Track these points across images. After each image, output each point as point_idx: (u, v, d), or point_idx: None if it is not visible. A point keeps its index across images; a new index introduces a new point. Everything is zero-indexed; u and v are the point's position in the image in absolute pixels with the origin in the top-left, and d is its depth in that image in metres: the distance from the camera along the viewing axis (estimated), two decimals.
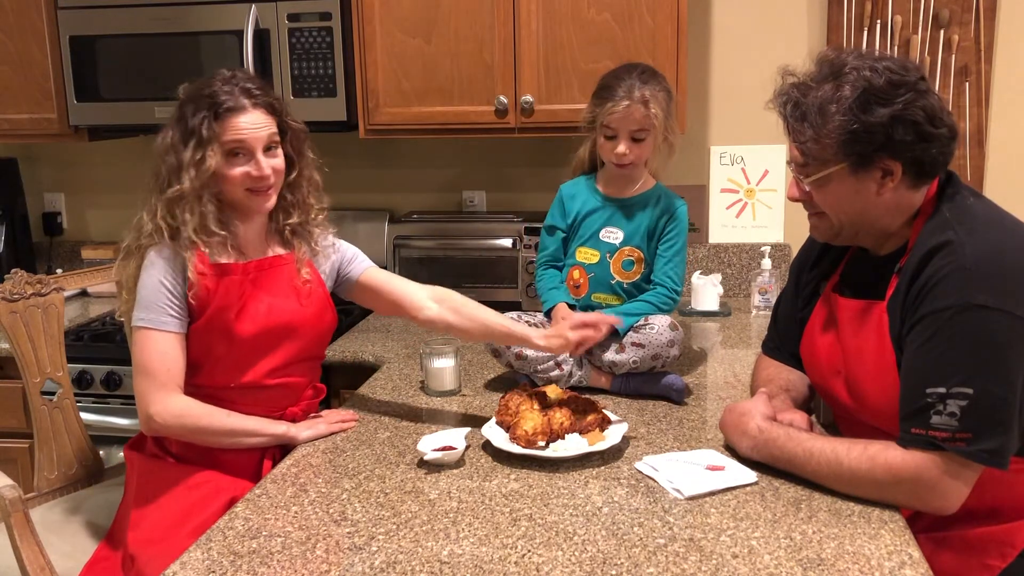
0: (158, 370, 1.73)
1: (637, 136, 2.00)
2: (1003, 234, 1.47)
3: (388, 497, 1.54)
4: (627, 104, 1.96)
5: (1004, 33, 2.69)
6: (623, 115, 1.97)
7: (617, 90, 1.98)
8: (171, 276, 1.74)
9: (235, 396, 1.82)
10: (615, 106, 1.97)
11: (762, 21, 2.81)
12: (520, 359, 2.00)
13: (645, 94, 1.97)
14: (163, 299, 1.74)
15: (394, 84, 2.62)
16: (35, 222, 3.30)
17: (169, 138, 1.76)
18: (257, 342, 1.81)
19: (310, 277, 1.90)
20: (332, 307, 1.95)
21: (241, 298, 1.79)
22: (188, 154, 1.73)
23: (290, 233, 1.90)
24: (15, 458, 2.65)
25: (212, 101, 1.74)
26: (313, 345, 1.92)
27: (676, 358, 1.99)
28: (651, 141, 2.02)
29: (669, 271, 2.07)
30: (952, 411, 1.38)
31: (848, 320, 1.62)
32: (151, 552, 1.68)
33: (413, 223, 2.86)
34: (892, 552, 1.31)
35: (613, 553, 1.33)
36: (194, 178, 1.72)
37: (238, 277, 1.80)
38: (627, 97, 1.97)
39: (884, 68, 1.45)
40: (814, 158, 1.52)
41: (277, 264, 1.87)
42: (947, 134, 1.48)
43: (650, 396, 1.98)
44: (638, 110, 1.97)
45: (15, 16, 2.77)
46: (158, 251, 1.75)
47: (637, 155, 2.02)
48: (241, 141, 1.74)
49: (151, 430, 1.77)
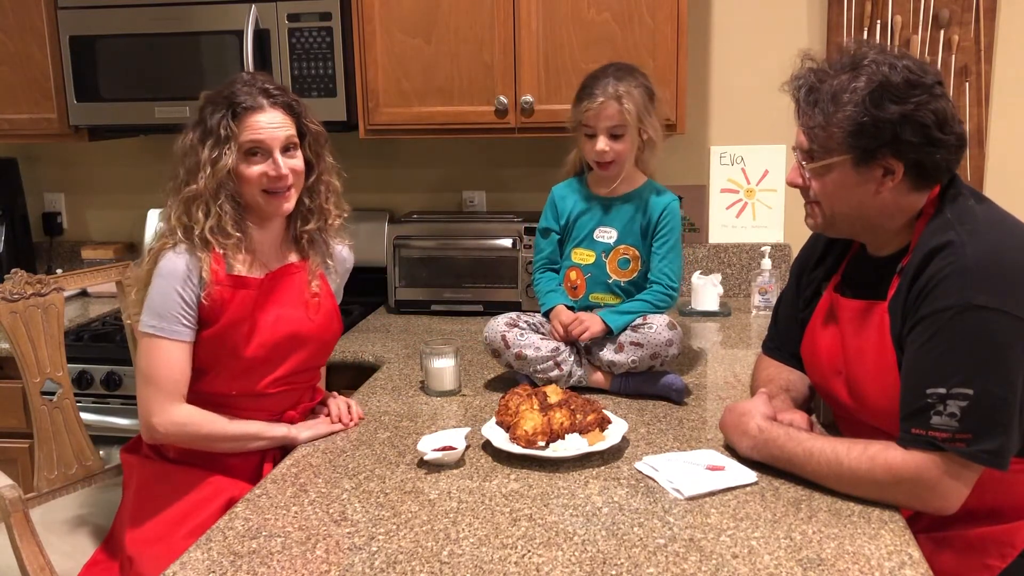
0: (164, 379, 1.72)
1: (615, 133, 2.01)
2: (1004, 235, 1.47)
3: (388, 497, 1.54)
4: (601, 101, 1.99)
5: (1004, 33, 2.69)
6: (597, 112, 1.99)
7: (593, 89, 2.01)
8: (185, 283, 1.71)
9: (236, 402, 1.81)
10: (591, 103, 2.00)
11: (762, 21, 2.81)
12: (520, 359, 2.00)
13: (619, 90, 1.98)
14: (176, 308, 1.71)
15: (394, 84, 2.62)
16: (35, 222, 3.30)
17: (188, 140, 1.75)
18: (264, 356, 1.80)
19: (319, 290, 1.88)
20: (339, 318, 1.95)
21: (253, 313, 1.78)
22: (205, 153, 1.71)
23: (307, 241, 1.89)
24: (15, 458, 2.65)
25: (230, 101, 1.73)
26: (319, 354, 1.92)
27: (675, 357, 1.99)
28: (630, 137, 2.02)
29: (664, 268, 2.07)
30: (952, 411, 1.38)
31: (849, 320, 1.62)
32: (149, 553, 1.68)
33: (413, 223, 2.86)
34: (892, 552, 1.31)
35: (613, 553, 1.33)
36: (209, 176, 1.71)
37: (254, 292, 1.78)
38: (602, 94, 1.99)
39: (903, 67, 1.45)
40: (820, 146, 1.52)
41: (290, 273, 1.86)
42: (954, 142, 1.47)
43: (650, 396, 1.98)
44: (611, 106, 1.98)
45: (15, 16, 2.77)
46: (175, 252, 1.72)
47: (617, 152, 2.02)
48: (259, 141, 1.73)
49: (152, 438, 1.76)
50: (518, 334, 2.02)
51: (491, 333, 2.04)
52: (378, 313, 2.85)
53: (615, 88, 1.99)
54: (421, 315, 2.79)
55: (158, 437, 1.75)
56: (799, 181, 1.60)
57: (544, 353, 1.99)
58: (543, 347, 2.00)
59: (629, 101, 1.99)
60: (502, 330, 2.03)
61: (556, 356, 2.00)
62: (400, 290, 2.81)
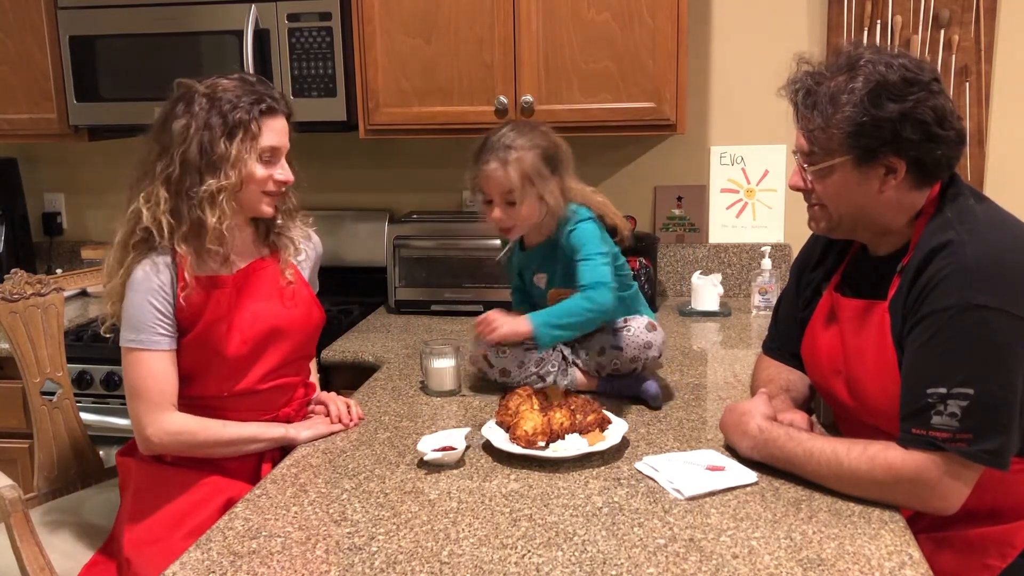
0: (151, 390, 1.71)
1: (510, 199, 1.87)
2: (1004, 234, 1.47)
3: (388, 497, 1.54)
4: (485, 169, 1.87)
5: (1004, 33, 2.69)
6: (485, 179, 1.88)
7: (482, 152, 1.89)
8: (158, 293, 1.70)
9: (229, 403, 1.81)
10: (477, 169, 1.89)
11: (762, 21, 2.81)
12: (504, 375, 2.01)
13: (506, 156, 1.85)
14: (152, 319, 1.70)
15: (394, 84, 2.62)
16: (35, 222, 3.30)
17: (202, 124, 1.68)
18: (247, 351, 1.79)
19: (293, 279, 1.89)
20: (318, 305, 1.95)
21: (230, 311, 1.77)
22: (234, 149, 1.69)
23: (275, 235, 1.89)
24: (15, 458, 2.65)
25: (258, 98, 1.73)
26: (303, 345, 1.92)
27: (655, 359, 1.98)
28: (530, 203, 1.88)
29: (583, 271, 1.88)
30: (953, 411, 1.37)
31: (849, 320, 1.62)
32: (147, 554, 1.68)
33: (413, 223, 2.86)
34: (892, 552, 1.31)
35: (613, 553, 1.33)
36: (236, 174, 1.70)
37: (228, 289, 1.78)
38: (492, 159, 1.86)
39: (900, 65, 1.45)
40: (820, 148, 1.52)
41: (261, 267, 1.86)
42: (954, 138, 1.48)
43: (631, 399, 1.98)
44: (497, 172, 1.85)
45: (15, 16, 2.77)
46: (147, 262, 1.70)
47: (515, 218, 1.89)
48: (277, 147, 1.76)
49: (148, 450, 1.76)
50: (497, 351, 1.99)
51: (474, 355, 2.06)
52: (378, 313, 2.85)
53: (504, 154, 1.85)
54: (421, 315, 2.79)
55: (154, 448, 1.75)
56: (801, 184, 1.60)
57: (528, 369, 1.99)
58: (526, 360, 1.99)
59: (515, 169, 1.84)
60: (483, 350, 2.02)
61: (540, 370, 1.99)
62: (400, 290, 2.81)
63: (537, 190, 1.87)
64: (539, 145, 1.88)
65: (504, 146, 1.86)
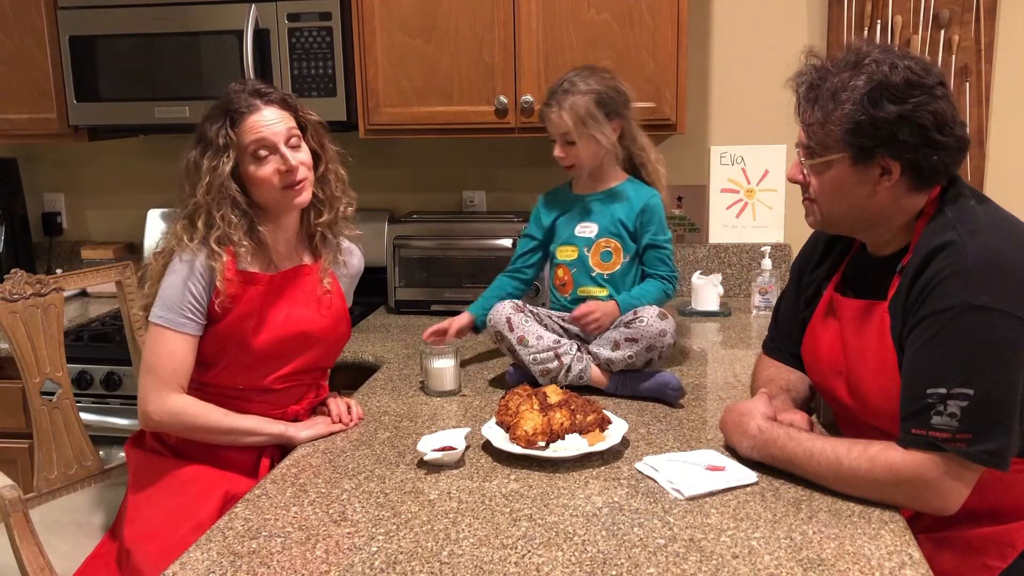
0: (164, 368, 1.75)
1: (568, 139, 2.07)
2: (1005, 235, 1.46)
3: (388, 497, 1.54)
4: (547, 111, 2.08)
5: (1004, 33, 2.69)
6: (548, 122, 2.09)
7: (549, 96, 2.09)
8: (198, 283, 1.75)
9: (242, 395, 1.84)
10: (544, 111, 2.10)
11: (762, 21, 2.81)
12: (522, 344, 2.02)
13: (563, 102, 2.05)
14: (185, 302, 1.75)
15: (394, 84, 2.62)
16: (35, 222, 3.30)
17: (191, 157, 1.78)
18: (272, 351, 1.82)
19: (331, 288, 1.91)
20: (348, 319, 1.98)
21: (262, 309, 1.81)
22: (205, 164, 1.74)
23: (320, 239, 1.92)
24: (15, 458, 2.65)
25: (226, 109, 1.76)
26: (326, 356, 1.94)
27: (671, 347, 2.00)
28: (586, 143, 2.06)
29: (662, 256, 2.13)
30: (953, 412, 1.37)
31: (850, 320, 1.62)
32: (146, 548, 1.70)
33: (413, 223, 2.86)
34: (892, 552, 1.31)
35: (613, 553, 1.33)
36: (207, 186, 1.73)
37: (263, 288, 1.81)
38: (553, 102, 2.07)
39: (904, 67, 1.45)
40: (818, 143, 1.52)
41: (302, 274, 1.89)
42: (954, 144, 1.47)
43: (645, 397, 1.98)
44: (554, 115, 2.06)
45: (15, 16, 2.77)
46: (191, 254, 1.75)
47: (575, 157, 2.09)
48: (262, 139, 1.75)
49: (147, 425, 1.79)
50: (523, 319, 2.04)
51: (496, 315, 2.06)
52: (378, 313, 2.85)
53: (559, 100, 2.06)
54: (421, 315, 2.79)
55: (152, 424, 1.78)
56: (799, 177, 1.60)
57: (546, 343, 2.00)
58: (546, 336, 2.02)
59: (569, 114, 2.04)
60: (508, 312, 2.04)
61: (557, 348, 2.00)
62: (400, 290, 2.81)
63: (590, 132, 2.05)
64: (595, 90, 2.05)
65: (563, 91, 2.06)
